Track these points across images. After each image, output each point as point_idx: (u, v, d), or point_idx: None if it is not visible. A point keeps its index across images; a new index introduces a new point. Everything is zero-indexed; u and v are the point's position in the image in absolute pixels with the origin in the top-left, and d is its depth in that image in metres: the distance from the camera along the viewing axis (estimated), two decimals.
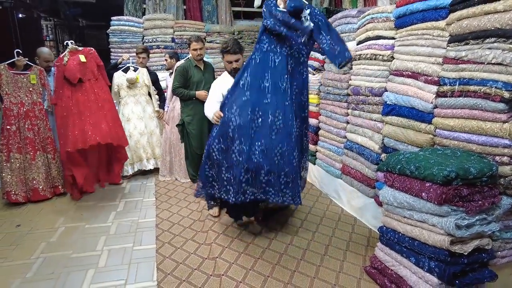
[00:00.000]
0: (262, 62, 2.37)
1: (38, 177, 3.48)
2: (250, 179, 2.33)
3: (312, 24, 2.29)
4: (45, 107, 3.58)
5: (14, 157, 3.40)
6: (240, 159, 2.32)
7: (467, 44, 1.95)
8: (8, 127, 3.39)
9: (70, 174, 3.40)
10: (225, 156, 2.42)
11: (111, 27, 5.04)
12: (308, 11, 2.31)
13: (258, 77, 2.35)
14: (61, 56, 3.55)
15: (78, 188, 3.50)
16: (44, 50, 3.75)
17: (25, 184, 3.44)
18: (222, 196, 2.51)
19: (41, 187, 3.49)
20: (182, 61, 3.77)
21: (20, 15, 7.09)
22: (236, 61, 2.76)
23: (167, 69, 4.37)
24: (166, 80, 4.41)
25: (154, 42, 5.19)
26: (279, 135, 2.30)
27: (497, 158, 1.85)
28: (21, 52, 3.45)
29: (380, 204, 2.66)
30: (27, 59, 3.50)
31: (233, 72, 2.76)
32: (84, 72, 3.51)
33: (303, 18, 2.31)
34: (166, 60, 4.27)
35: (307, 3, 2.36)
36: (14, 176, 3.39)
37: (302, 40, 2.32)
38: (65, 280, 2.26)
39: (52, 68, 3.68)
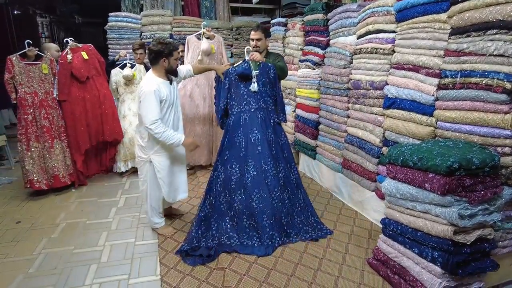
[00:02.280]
0: (235, 123, 2.70)
1: (58, 164, 3.53)
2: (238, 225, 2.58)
3: (256, 87, 2.66)
4: (54, 95, 3.59)
5: (33, 145, 3.44)
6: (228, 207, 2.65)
7: (468, 36, 1.97)
8: (24, 117, 3.42)
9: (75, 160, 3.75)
10: (213, 209, 2.70)
11: (109, 23, 5.00)
12: (256, 72, 2.66)
13: (232, 136, 2.69)
14: (63, 54, 3.61)
15: (80, 174, 3.81)
16: (52, 44, 3.94)
17: (46, 171, 3.50)
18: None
19: (61, 174, 3.55)
20: None
21: (16, 12, 7.03)
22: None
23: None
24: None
25: (152, 38, 5.15)
26: (254, 182, 2.56)
27: (499, 149, 1.87)
28: (31, 42, 3.48)
29: (381, 197, 2.68)
30: (37, 49, 3.53)
31: (176, 70, 2.58)
32: (88, 69, 3.75)
33: (252, 80, 2.67)
34: (183, 51, 3.97)
35: (262, 62, 2.71)
36: (35, 164, 3.44)
37: (260, 96, 2.70)
38: (68, 275, 2.26)
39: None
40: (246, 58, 2.72)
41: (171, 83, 2.55)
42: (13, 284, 2.17)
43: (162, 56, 2.41)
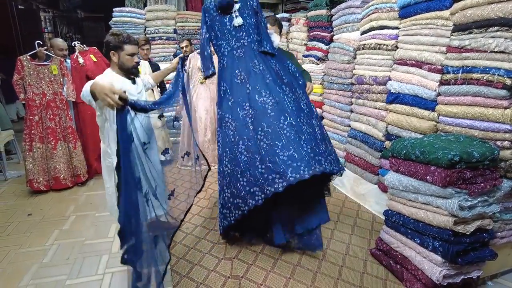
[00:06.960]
0: (229, 63, 2.36)
1: (60, 166, 3.59)
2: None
3: (241, 21, 2.32)
4: (64, 94, 3.64)
5: (36, 146, 3.52)
6: (250, 154, 2.18)
7: (470, 33, 2.02)
8: (31, 117, 3.49)
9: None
10: (236, 163, 2.23)
11: (113, 19, 5.03)
12: (237, 5, 2.33)
13: (233, 76, 2.31)
14: (73, 57, 3.71)
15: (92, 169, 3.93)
16: (58, 40, 3.90)
17: (47, 172, 3.56)
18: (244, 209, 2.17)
19: (62, 176, 3.61)
20: None
21: (19, 7, 7.05)
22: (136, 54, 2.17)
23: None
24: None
25: (156, 33, 5.19)
26: (277, 111, 2.17)
27: (498, 142, 1.93)
28: (41, 43, 3.53)
29: (383, 190, 2.74)
30: (45, 47, 3.58)
31: (133, 70, 2.16)
32: (99, 71, 3.83)
33: (233, 14, 2.34)
34: (187, 46, 4.26)
35: None
36: (36, 165, 3.51)
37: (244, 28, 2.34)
38: (81, 265, 2.34)
39: (68, 61, 3.77)
40: None
41: (133, 82, 2.20)
42: (29, 273, 2.26)
43: (110, 48, 2.10)
